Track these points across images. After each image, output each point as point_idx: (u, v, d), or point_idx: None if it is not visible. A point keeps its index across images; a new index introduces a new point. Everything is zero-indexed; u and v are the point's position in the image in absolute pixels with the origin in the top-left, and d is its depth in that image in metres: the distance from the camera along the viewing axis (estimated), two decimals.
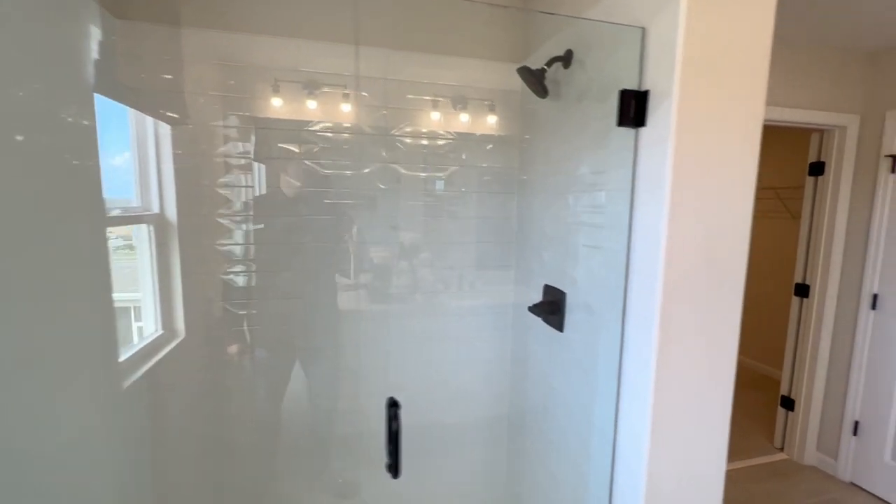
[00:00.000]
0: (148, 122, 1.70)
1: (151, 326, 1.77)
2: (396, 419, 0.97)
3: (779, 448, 2.84)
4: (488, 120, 2.02)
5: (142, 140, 1.72)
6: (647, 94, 1.09)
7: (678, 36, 0.99)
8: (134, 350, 1.60)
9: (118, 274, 1.88)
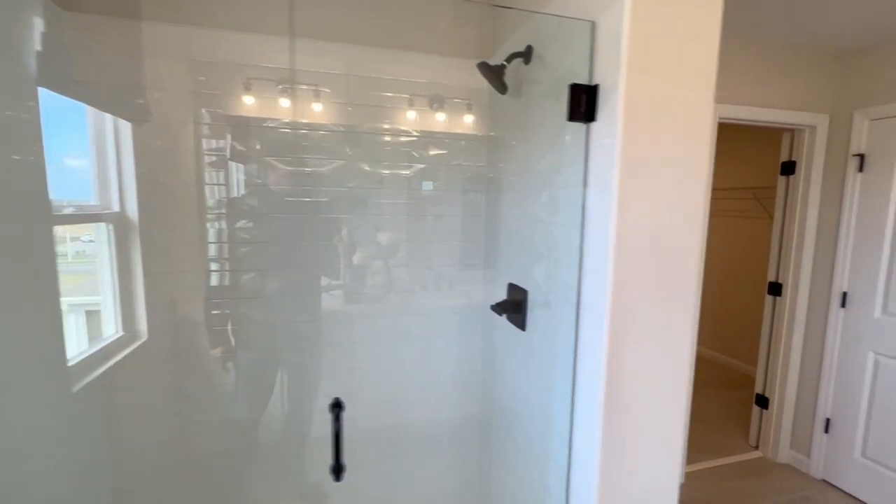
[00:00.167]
0: (107, 120, 1.66)
1: (111, 328, 1.74)
2: (339, 420, 0.94)
3: (754, 446, 2.85)
4: (462, 118, 2.00)
5: (101, 137, 1.68)
6: (597, 89, 1.08)
7: (623, 29, 0.98)
8: (90, 352, 1.57)
9: (88, 276, 1.84)
